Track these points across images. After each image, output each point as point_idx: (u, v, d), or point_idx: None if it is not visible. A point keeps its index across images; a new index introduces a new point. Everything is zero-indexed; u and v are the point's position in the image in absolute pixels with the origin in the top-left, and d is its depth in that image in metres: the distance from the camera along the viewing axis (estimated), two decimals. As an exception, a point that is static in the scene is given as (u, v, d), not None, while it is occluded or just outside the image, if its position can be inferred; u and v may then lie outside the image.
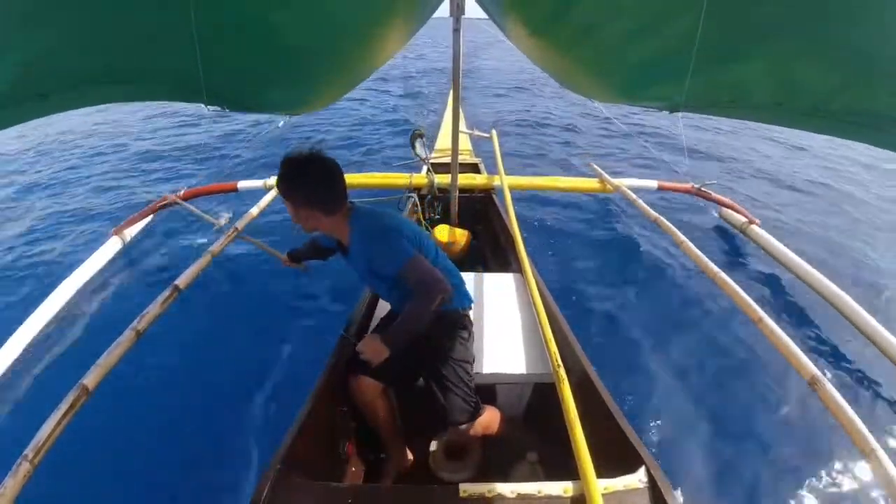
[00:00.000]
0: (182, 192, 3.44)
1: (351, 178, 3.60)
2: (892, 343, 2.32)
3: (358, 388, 1.48)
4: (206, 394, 2.20)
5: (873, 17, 0.62)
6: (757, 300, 1.55)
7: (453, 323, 1.50)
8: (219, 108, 1.16)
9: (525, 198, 4.16)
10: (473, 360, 1.54)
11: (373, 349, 1.34)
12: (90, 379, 1.16)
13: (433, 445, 1.61)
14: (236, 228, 2.19)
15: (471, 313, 1.59)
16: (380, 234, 1.36)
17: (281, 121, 5.04)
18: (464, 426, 1.46)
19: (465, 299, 1.56)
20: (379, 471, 1.64)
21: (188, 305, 2.70)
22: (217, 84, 1.02)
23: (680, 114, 1.06)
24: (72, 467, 1.69)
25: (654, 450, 1.23)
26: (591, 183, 3.60)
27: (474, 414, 1.46)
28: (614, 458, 1.22)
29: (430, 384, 1.46)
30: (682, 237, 2.10)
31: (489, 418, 1.52)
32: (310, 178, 1.30)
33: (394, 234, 1.35)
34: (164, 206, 3.45)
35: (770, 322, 1.45)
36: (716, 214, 3.99)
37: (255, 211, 2.48)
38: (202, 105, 1.09)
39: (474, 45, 21.95)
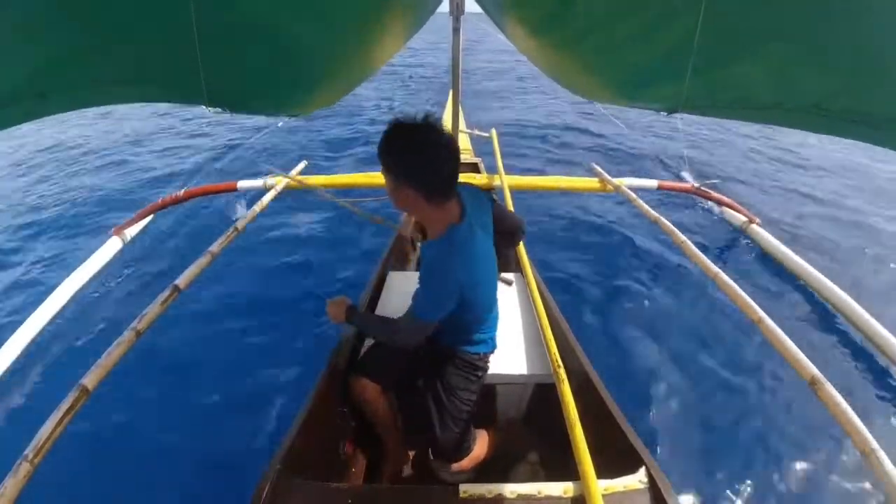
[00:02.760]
0: (182, 192, 3.45)
1: (352, 178, 3.60)
2: (892, 343, 2.32)
3: (360, 390, 1.48)
4: (206, 394, 2.20)
5: (872, 18, 0.62)
6: (756, 300, 1.55)
7: (471, 365, 1.43)
8: (220, 110, 1.15)
9: (525, 198, 4.15)
10: (479, 394, 1.48)
11: (334, 312, 1.38)
12: (90, 379, 1.15)
13: (433, 446, 1.61)
14: (236, 228, 2.19)
15: (490, 357, 1.50)
16: (437, 274, 1.20)
17: (280, 121, 5.04)
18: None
19: (490, 346, 1.48)
20: (379, 471, 1.64)
21: (189, 305, 2.72)
22: (218, 85, 1.02)
23: (679, 115, 1.06)
24: (72, 468, 1.70)
25: (654, 450, 1.23)
26: (591, 183, 3.60)
27: (466, 451, 1.44)
28: (614, 458, 1.22)
29: (430, 410, 1.40)
30: (682, 237, 2.10)
31: (478, 451, 1.50)
32: (418, 153, 1.10)
33: (445, 289, 1.19)
34: (164, 206, 3.45)
35: (770, 322, 1.44)
36: (716, 214, 3.99)
37: (255, 210, 2.48)
38: (203, 106, 1.08)
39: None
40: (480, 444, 1.51)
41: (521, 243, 2.08)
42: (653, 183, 3.71)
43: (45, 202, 4.51)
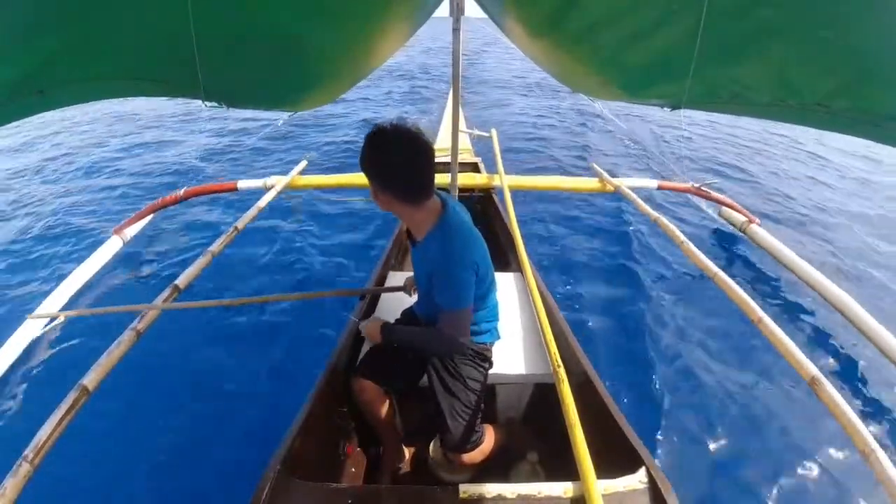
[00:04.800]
0: (182, 192, 3.45)
1: (351, 178, 3.61)
2: (892, 343, 2.32)
3: (359, 390, 1.48)
4: (206, 393, 2.20)
5: (872, 18, 0.63)
6: (756, 300, 1.55)
7: (479, 354, 1.45)
8: (217, 105, 1.15)
9: (525, 197, 4.16)
10: (485, 387, 1.49)
11: (371, 332, 1.44)
12: (90, 379, 1.15)
13: (433, 445, 1.61)
14: (236, 228, 2.19)
15: (494, 349, 1.52)
16: (452, 264, 1.21)
17: (280, 120, 5.04)
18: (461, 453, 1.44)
19: (495, 335, 1.51)
20: (378, 471, 1.64)
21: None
22: (215, 80, 1.01)
23: (682, 112, 1.07)
24: (71, 468, 1.70)
25: (654, 450, 1.23)
26: (591, 183, 3.60)
27: (476, 443, 1.44)
28: (614, 458, 1.22)
29: (440, 400, 1.41)
30: (682, 237, 2.10)
31: (487, 444, 1.50)
32: (390, 157, 1.15)
33: (466, 273, 1.22)
34: (164, 205, 3.45)
35: (770, 322, 1.45)
36: (716, 214, 3.99)
37: (254, 211, 2.48)
38: (200, 101, 1.08)
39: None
40: (489, 438, 1.51)
41: (521, 244, 2.08)
42: (653, 183, 3.71)
43: (45, 201, 4.50)
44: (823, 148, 6.57)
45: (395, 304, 1.89)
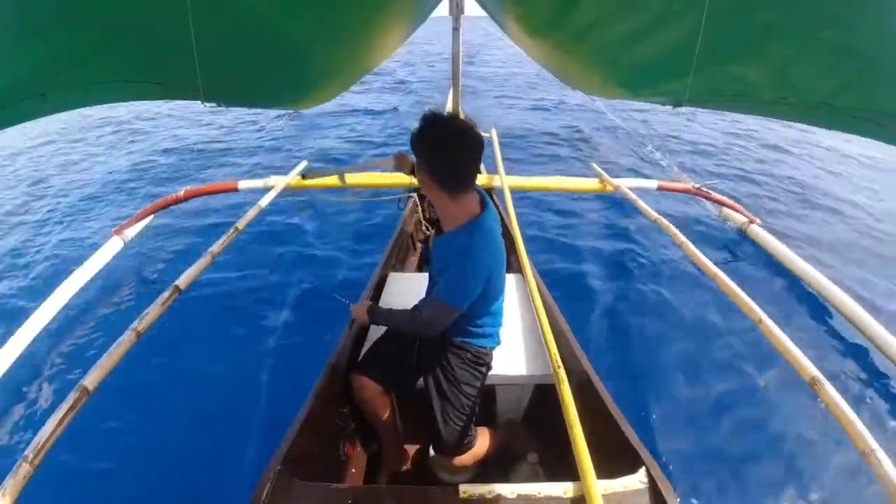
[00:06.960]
0: (182, 192, 3.45)
1: (351, 179, 3.60)
2: (892, 343, 2.32)
3: (359, 387, 1.48)
4: (206, 394, 2.20)
5: (873, 17, 0.63)
6: (757, 300, 1.55)
7: (476, 358, 1.45)
8: (216, 105, 1.15)
9: (525, 198, 4.16)
10: (482, 390, 1.49)
11: (358, 313, 1.54)
12: (90, 379, 1.15)
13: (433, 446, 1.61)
14: (237, 228, 2.19)
15: (493, 352, 1.52)
16: (470, 265, 1.25)
17: (281, 121, 5.04)
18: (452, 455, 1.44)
19: (495, 340, 1.50)
20: (379, 471, 1.64)
21: (189, 305, 2.72)
22: (213, 80, 1.01)
23: (683, 112, 1.07)
24: (72, 468, 1.70)
25: (654, 450, 1.23)
26: (591, 183, 3.60)
27: (467, 447, 1.44)
28: (614, 458, 1.22)
29: (433, 403, 1.42)
30: (682, 237, 2.10)
31: (479, 447, 1.50)
32: (438, 144, 1.19)
33: (477, 278, 1.26)
34: (165, 206, 3.45)
35: (770, 322, 1.44)
36: (716, 214, 3.99)
37: (255, 211, 2.47)
38: (199, 102, 1.08)
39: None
40: (482, 441, 1.51)
41: (522, 244, 2.08)
42: (653, 184, 3.70)
43: (45, 203, 4.51)
44: (825, 148, 6.56)
45: (395, 304, 1.89)
